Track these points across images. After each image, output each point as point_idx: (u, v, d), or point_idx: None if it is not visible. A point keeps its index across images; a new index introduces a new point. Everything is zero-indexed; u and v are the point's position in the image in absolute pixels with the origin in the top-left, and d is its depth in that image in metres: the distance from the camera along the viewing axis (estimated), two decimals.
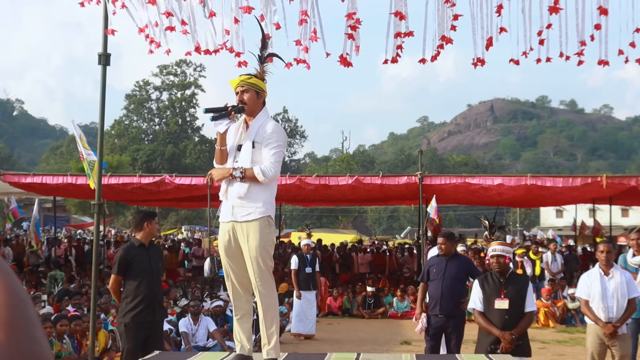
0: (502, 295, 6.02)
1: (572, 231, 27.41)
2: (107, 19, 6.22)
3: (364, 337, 12.56)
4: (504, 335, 5.87)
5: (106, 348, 8.48)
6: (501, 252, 6.10)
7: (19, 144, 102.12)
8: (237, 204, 4.32)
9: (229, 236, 4.37)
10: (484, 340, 6.07)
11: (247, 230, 4.29)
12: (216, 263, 11.66)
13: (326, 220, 63.56)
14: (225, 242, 4.39)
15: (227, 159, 4.38)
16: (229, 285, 4.50)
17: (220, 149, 4.37)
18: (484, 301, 6.11)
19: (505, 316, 5.96)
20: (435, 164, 78.95)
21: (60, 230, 38.03)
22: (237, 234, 4.34)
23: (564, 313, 14.18)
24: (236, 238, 4.34)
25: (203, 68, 73.11)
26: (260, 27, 4.76)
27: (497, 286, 6.09)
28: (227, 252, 4.42)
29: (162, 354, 5.19)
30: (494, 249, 6.13)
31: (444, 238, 7.39)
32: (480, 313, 6.11)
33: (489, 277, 6.21)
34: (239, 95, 4.37)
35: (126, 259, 6.19)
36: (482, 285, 6.17)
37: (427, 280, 7.34)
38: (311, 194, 18.05)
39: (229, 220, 4.36)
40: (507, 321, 5.94)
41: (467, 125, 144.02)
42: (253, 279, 4.32)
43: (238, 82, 4.39)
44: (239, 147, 4.36)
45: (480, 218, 6.40)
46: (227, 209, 4.38)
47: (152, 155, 64.45)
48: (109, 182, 16.17)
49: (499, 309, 5.99)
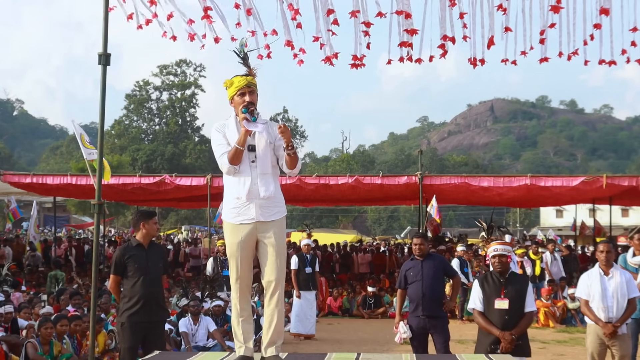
0: (502, 295, 6.02)
1: (572, 231, 27.42)
2: (107, 19, 6.23)
3: (364, 337, 12.56)
4: (504, 335, 5.87)
5: (106, 348, 8.48)
6: (502, 251, 6.10)
7: (19, 144, 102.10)
8: (263, 204, 4.32)
9: (250, 237, 4.34)
10: (483, 340, 6.07)
11: (272, 229, 4.35)
12: (219, 263, 11.66)
13: (326, 220, 63.54)
14: (246, 243, 4.35)
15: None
16: (240, 287, 4.43)
17: (241, 149, 4.27)
18: (483, 301, 6.11)
19: (505, 316, 5.97)
20: (435, 164, 78.97)
21: (60, 230, 38.04)
22: (261, 233, 4.34)
23: (564, 313, 14.18)
24: (257, 238, 4.35)
25: (203, 68, 73.19)
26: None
27: (497, 286, 6.09)
28: (246, 253, 4.38)
29: (162, 354, 5.18)
30: (495, 249, 6.12)
31: (421, 238, 7.34)
32: (480, 313, 6.11)
33: (488, 277, 6.21)
34: (247, 96, 4.32)
35: (122, 259, 6.20)
36: (482, 285, 6.17)
37: (405, 286, 7.26)
38: (311, 194, 18.07)
39: (253, 221, 4.32)
40: (507, 321, 5.95)
41: (467, 125, 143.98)
42: (273, 276, 4.36)
43: (245, 82, 4.35)
44: (251, 147, 4.32)
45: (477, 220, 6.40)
46: (249, 209, 4.31)
47: (152, 155, 64.42)
48: (109, 182, 16.16)
49: (498, 309, 5.99)
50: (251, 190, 4.30)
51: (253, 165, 4.32)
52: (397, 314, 7.39)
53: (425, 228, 16.14)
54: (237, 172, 4.32)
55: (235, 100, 4.37)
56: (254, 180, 4.31)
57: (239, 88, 4.35)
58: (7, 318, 8.94)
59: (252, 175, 4.32)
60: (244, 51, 4.47)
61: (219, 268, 11.62)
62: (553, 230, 37.39)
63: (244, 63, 4.45)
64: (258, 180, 4.32)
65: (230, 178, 4.39)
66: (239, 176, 4.33)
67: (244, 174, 4.32)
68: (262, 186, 4.31)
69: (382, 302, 15.73)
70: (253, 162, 4.32)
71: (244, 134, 4.25)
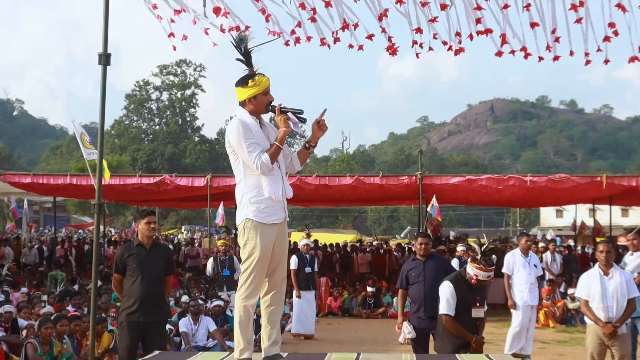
0: (477, 303, 6.12)
1: (572, 231, 27.42)
2: (107, 19, 6.22)
3: (364, 337, 12.56)
4: (477, 339, 6.02)
5: (108, 348, 8.47)
6: (485, 277, 6.13)
7: (19, 144, 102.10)
8: (285, 204, 4.42)
9: (278, 236, 4.36)
10: (449, 342, 6.08)
11: (285, 229, 4.46)
12: (219, 263, 11.66)
13: (326, 220, 63.57)
14: (274, 243, 4.34)
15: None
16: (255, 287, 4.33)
17: (281, 148, 4.28)
18: (456, 307, 6.09)
19: (477, 322, 6.11)
20: (435, 164, 79.03)
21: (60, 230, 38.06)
22: (282, 233, 4.41)
23: (564, 313, 14.17)
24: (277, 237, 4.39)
25: (203, 68, 73.30)
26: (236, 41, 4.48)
27: (470, 293, 6.13)
28: (269, 254, 4.34)
29: (162, 354, 5.18)
30: (478, 274, 6.06)
31: (426, 238, 7.35)
32: (452, 318, 6.08)
33: (460, 282, 6.18)
34: (268, 97, 4.34)
35: (121, 258, 6.22)
36: (456, 290, 6.12)
37: (407, 286, 7.26)
38: (311, 194, 18.06)
39: (282, 220, 4.37)
40: (477, 326, 6.12)
41: (467, 125, 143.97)
42: (282, 275, 4.45)
43: (269, 83, 4.36)
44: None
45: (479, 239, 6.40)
46: (279, 209, 4.33)
47: (152, 155, 64.44)
48: (109, 182, 16.17)
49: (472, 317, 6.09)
50: (283, 191, 4.35)
51: (277, 165, 4.35)
52: (400, 314, 7.39)
53: (425, 228, 16.13)
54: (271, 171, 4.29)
55: (259, 99, 4.33)
56: (283, 180, 4.38)
57: (265, 88, 4.33)
58: (7, 318, 8.95)
59: (281, 175, 4.37)
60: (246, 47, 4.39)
61: (219, 268, 11.62)
62: (553, 230, 37.42)
63: (246, 61, 4.38)
64: (284, 181, 4.39)
65: (261, 178, 4.28)
66: (271, 176, 4.29)
67: (275, 173, 4.32)
68: (287, 186, 4.42)
69: (382, 302, 15.73)
70: (277, 162, 4.34)
71: (284, 133, 4.26)
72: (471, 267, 6.10)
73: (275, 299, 4.44)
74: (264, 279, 4.40)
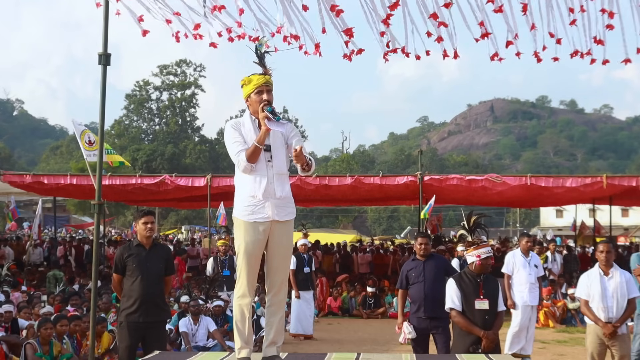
0: (481, 295, 6.09)
1: (572, 231, 27.42)
2: (107, 19, 6.22)
3: (364, 337, 12.56)
4: (488, 334, 5.95)
5: (108, 348, 8.47)
6: (487, 253, 6.16)
7: (19, 144, 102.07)
8: (278, 204, 4.32)
9: (264, 235, 4.33)
10: (461, 340, 6.09)
11: (285, 229, 4.38)
12: (219, 263, 11.67)
13: (326, 220, 63.55)
14: (259, 242, 4.32)
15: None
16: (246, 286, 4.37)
17: (260, 147, 4.24)
18: (462, 301, 6.12)
19: (485, 316, 6.07)
20: (435, 164, 79.01)
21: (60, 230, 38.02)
22: (275, 233, 4.34)
23: (564, 313, 14.17)
24: (270, 237, 4.34)
25: (203, 68, 73.30)
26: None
27: (474, 286, 6.14)
28: (257, 253, 4.36)
29: (162, 354, 5.19)
30: (479, 252, 6.13)
31: (426, 238, 7.36)
32: (459, 313, 6.11)
33: (464, 277, 6.23)
34: (265, 95, 4.30)
35: (120, 258, 6.22)
36: (459, 285, 6.18)
37: (407, 286, 7.26)
38: (311, 194, 18.06)
39: (268, 219, 4.30)
40: (487, 321, 6.06)
41: (467, 125, 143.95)
42: (280, 277, 4.41)
43: (264, 81, 4.33)
44: (267, 147, 4.30)
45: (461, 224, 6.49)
46: (264, 208, 4.29)
47: (152, 155, 64.40)
48: (109, 182, 16.17)
49: (479, 310, 6.07)
50: (267, 190, 4.29)
51: (269, 164, 4.32)
52: (400, 314, 7.39)
53: (425, 228, 16.14)
54: (254, 170, 4.29)
55: (253, 98, 4.34)
56: (270, 179, 4.31)
57: (257, 86, 4.33)
58: (7, 318, 8.94)
59: (268, 174, 4.31)
60: (262, 50, 4.43)
61: (219, 268, 11.62)
62: (553, 230, 37.42)
63: (260, 63, 4.41)
64: (274, 180, 4.32)
65: (244, 176, 4.34)
66: (255, 175, 4.30)
67: (260, 172, 4.30)
68: (279, 186, 4.33)
69: (382, 302, 15.72)
70: (269, 161, 4.32)
71: (265, 132, 4.21)
72: (469, 255, 6.16)
73: (274, 299, 4.43)
74: (255, 278, 4.41)
